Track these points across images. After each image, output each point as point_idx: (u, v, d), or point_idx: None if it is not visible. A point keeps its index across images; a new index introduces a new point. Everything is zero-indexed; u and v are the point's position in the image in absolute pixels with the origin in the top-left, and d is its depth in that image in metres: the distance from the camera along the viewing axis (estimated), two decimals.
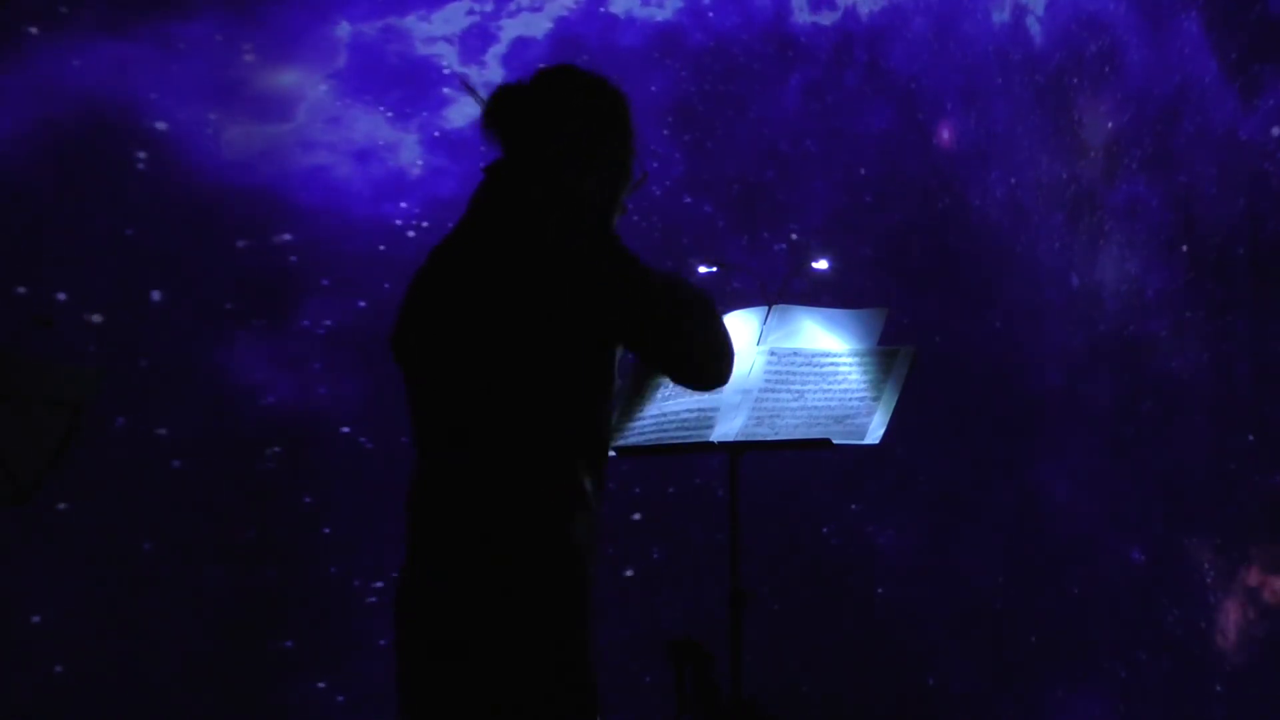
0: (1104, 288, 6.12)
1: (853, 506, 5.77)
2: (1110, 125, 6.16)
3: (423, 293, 2.47)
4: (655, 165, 5.39)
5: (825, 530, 5.71)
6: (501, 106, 2.50)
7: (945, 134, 6.14)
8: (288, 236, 4.79)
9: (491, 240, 2.40)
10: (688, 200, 5.52)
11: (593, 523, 2.39)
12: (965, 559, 5.89)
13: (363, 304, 4.82)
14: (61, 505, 4.33)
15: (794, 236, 5.63)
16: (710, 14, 5.63)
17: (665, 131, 5.49)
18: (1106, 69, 6.14)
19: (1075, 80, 6.18)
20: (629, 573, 5.23)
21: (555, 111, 2.48)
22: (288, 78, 4.84)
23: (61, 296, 4.38)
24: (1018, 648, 5.95)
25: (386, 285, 4.64)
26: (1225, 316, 5.84)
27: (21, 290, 4.31)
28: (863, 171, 5.88)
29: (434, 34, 5.14)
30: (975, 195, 6.11)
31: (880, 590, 5.77)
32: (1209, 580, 5.84)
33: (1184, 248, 5.96)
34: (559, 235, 2.36)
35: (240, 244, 4.71)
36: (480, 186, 2.49)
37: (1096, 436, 6.11)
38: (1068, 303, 6.16)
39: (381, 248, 4.89)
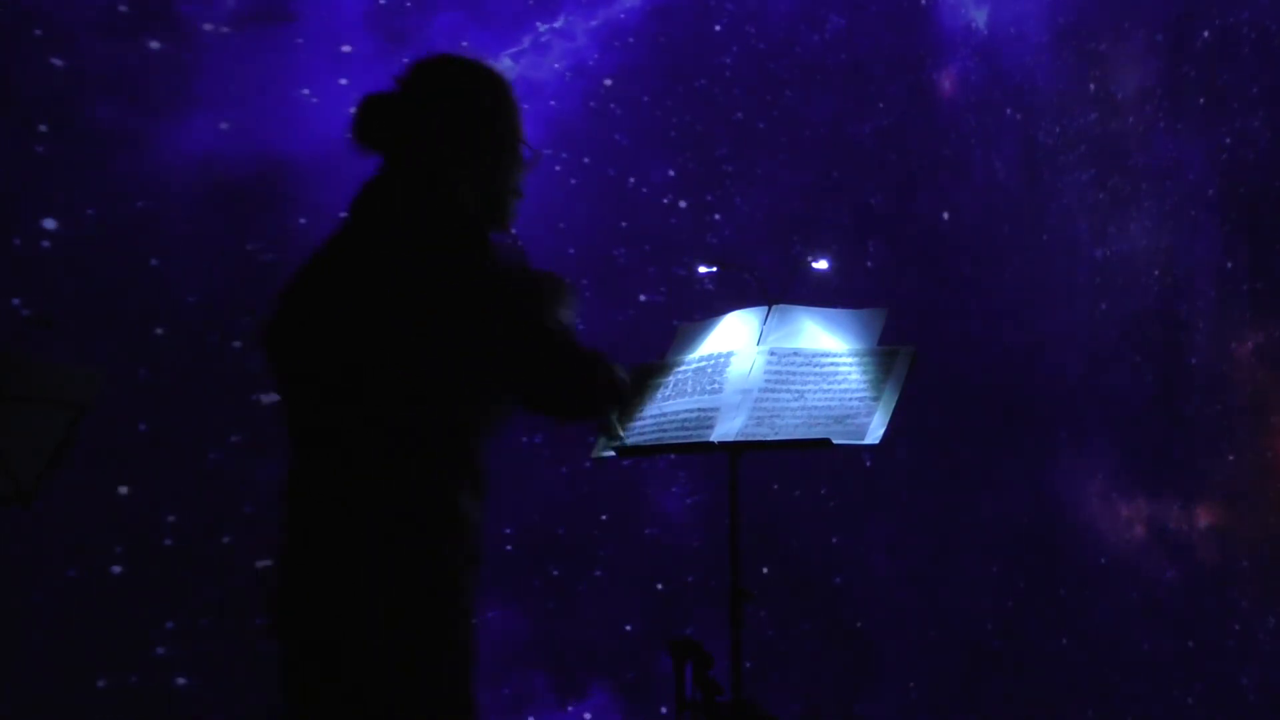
0: (1131, 261, 5.94)
1: (851, 507, 5.73)
2: (1140, 74, 5.96)
3: (298, 296, 2.42)
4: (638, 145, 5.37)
5: (825, 533, 5.69)
6: (370, 118, 2.43)
7: (949, 87, 6.01)
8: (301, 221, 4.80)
9: (367, 247, 2.36)
10: (679, 201, 5.49)
11: (467, 542, 2.33)
12: (966, 566, 5.84)
13: None
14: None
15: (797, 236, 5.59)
16: None
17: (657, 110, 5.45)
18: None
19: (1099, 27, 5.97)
20: (628, 571, 5.21)
21: (427, 111, 2.40)
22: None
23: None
24: (1016, 658, 5.89)
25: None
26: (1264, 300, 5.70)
27: (22, 293, 4.31)
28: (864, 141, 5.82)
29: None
30: (984, 158, 5.99)
31: (880, 594, 5.74)
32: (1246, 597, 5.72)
33: (1221, 213, 5.77)
34: (431, 242, 2.32)
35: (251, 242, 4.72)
36: (359, 194, 2.43)
37: (1119, 431, 6.02)
38: (1086, 280, 6.00)
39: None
